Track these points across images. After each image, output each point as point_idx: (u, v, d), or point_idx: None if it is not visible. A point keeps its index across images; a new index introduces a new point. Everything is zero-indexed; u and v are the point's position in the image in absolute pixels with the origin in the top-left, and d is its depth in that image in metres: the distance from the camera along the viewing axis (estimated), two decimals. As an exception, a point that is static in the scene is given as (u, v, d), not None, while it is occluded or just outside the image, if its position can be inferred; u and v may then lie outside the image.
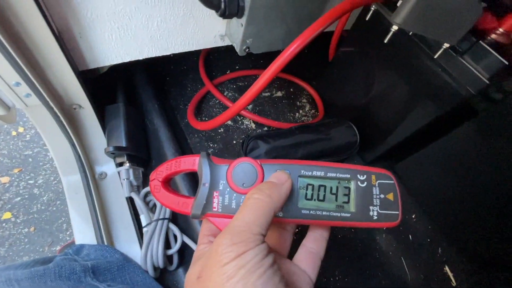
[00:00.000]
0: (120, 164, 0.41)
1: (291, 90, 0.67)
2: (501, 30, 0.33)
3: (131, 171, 0.40)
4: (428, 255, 0.50)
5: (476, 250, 0.48)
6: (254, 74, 0.66)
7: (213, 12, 0.39)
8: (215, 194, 0.21)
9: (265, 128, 0.58)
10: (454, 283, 0.48)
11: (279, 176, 0.21)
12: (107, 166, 0.41)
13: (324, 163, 0.22)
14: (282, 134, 0.50)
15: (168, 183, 0.23)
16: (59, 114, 0.34)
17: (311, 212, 0.21)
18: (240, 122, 0.58)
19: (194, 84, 0.60)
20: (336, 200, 0.22)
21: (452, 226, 0.51)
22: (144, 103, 0.48)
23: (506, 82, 0.36)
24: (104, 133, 0.41)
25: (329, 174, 0.22)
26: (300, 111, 0.64)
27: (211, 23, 0.42)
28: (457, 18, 0.29)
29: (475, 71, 0.34)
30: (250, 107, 0.61)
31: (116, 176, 0.41)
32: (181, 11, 0.38)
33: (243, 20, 0.38)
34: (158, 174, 0.23)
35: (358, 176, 0.22)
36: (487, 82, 0.34)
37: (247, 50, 0.42)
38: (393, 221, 0.21)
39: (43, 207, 1.04)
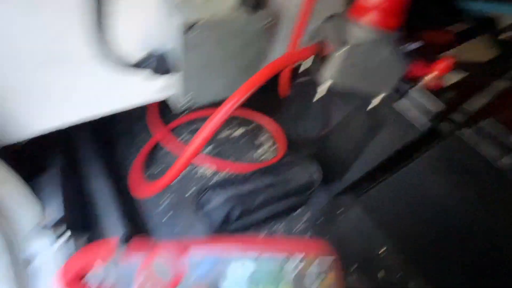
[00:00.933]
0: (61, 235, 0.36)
1: (252, 125, 0.65)
2: (431, 76, 0.33)
3: (72, 241, 0.35)
4: (401, 290, 0.49)
5: (448, 282, 0.47)
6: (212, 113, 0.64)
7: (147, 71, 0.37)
8: None
9: (223, 173, 0.56)
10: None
11: None
12: (43, 243, 0.36)
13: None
14: (239, 180, 0.47)
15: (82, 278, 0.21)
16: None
17: None
18: (194, 171, 0.55)
19: (145, 131, 0.57)
20: None
21: (423, 257, 0.50)
22: (85, 168, 0.43)
23: (444, 123, 0.36)
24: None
25: (263, 266, 0.20)
26: (260, 149, 0.62)
27: (147, 81, 0.40)
28: (384, 76, 0.29)
29: (416, 114, 0.35)
30: (208, 149, 0.59)
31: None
32: (109, 72, 0.35)
33: (181, 75, 0.36)
34: (66, 273, 0.21)
35: (291, 261, 0.20)
36: (428, 122, 0.34)
37: (191, 102, 0.40)
38: None
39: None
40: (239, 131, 0.64)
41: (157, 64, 0.34)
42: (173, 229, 0.47)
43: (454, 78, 0.36)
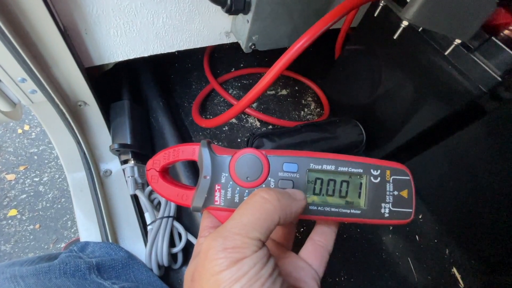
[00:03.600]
0: (125, 162, 0.41)
1: (296, 88, 0.66)
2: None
3: (135, 168, 0.40)
4: (435, 256, 0.49)
5: (484, 252, 0.47)
6: (259, 72, 0.66)
7: (219, 8, 0.38)
8: (217, 187, 0.20)
9: (270, 127, 0.58)
10: (462, 285, 0.47)
11: (294, 192, 0.19)
12: (112, 164, 0.40)
13: (335, 155, 0.21)
14: (287, 132, 0.49)
15: (166, 172, 0.22)
16: (64, 111, 0.34)
17: (319, 208, 0.20)
18: (244, 120, 0.58)
19: (199, 82, 0.60)
20: (346, 196, 0.20)
21: (460, 227, 0.50)
22: (149, 101, 0.47)
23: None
24: (109, 131, 0.41)
25: (340, 169, 0.20)
26: (305, 110, 0.63)
27: (217, 20, 0.41)
28: (470, 13, 0.28)
29: (487, 68, 0.34)
30: (255, 105, 0.61)
31: (121, 173, 0.40)
32: (186, 7, 0.37)
33: (249, 16, 0.37)
34: (155, 163, 0.21)
35: (372, 171, 0.21)
36: (499, 79, 0.33)
37: (253, 47, 0.42)
38: (405, 219, 0.20)
39: (48, 205, 1.05)
40: (284, 91, 0.65)
41: (231, 1, 0.35)
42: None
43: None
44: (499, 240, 0.45)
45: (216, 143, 0.53)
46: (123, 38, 0.37)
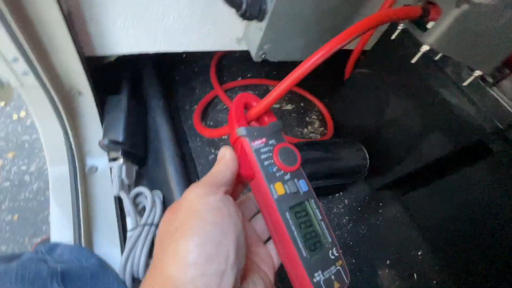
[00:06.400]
0: (114, 160, 0.38)
1: (302, 104, 0.65)
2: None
3: (124, 168, 0.37)
4: (434, 298, 0.46)
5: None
6: (266, 84, 0.64)
7: (232, 13, 0.37)
8: (264, 139, 0.25)
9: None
10: (460, 335, 0.43)
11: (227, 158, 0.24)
12: (99, 160, 0.38)
13: (325, 216, 0.25)
14: (288, 148, 0.47)
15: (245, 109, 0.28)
16: (55, 97, 0.32)
17: (290, 221, 0.23)
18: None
19: (203, 87, 0.59)
20: (308, 240, 0.23)
21: (461, 268, 0.47)
22: (149, 99, 0.45)
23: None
24: (102, 125, 0.38)
25: (322, 224, 0.24)
26: (309, 127, 0.61)
27: (229, 25, 0.40)
28: (494, 44, 0.27)
29: (504, 104, 0.32)
30: (257, 117, 0.59)
31: (108, 171, 0.38)
32: (199, 8, 0.36)
33: (264, 24, 0.36)
34: (247, 97, 0.28)
35: (334, 249, 0.24)
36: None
37: (263, 56, 0.40)
38: None
39: (31, 196, 1.00)
40: (289, 106, 0.63)
41: (247, 5, 0.34)
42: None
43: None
44: (497, 285, 0.42)
45: (213, 151, 0.51)
46: (129, 30, 0.35)
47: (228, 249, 0.18)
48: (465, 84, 0.32)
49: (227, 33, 0.42)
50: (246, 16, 0.35)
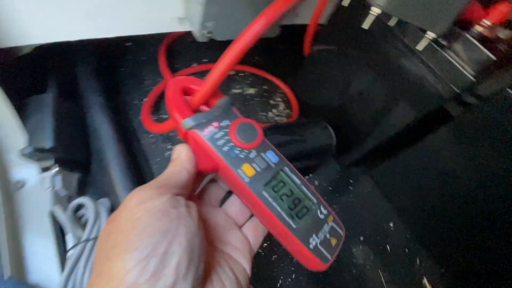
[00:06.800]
0: (47, 169, 0.33)
1: (264, 87, 0.62)
2: (487, 22, 0.30)
3: (59, 178, 0.32)
4: (406, 266, 0.47)
5: (453, 260, 0.45)
6: (224, 69, 0.60)
7: (165, -14, 0.32)
8: (214, 123, 0.23)
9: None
10: (432, 297, 0.45)
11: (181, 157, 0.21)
12: (27, 172, 0.32)
13: (304, 179, 0.24)
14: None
15: (185, 94, 0.25)
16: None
17: (269, 198, 0.22)
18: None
19: (154, 78, 0.53)
20: (293, 209, 0.22)
21: (430, 234, 0.48)
22: (85, 96, 0.40)
23: (489, 81, 0.33)
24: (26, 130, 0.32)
25: (303, 188, 0.23)
26: (274, 111, 0.59)
27: (167, 2, 0.35)
28: (444, 3, 0.25)
29: (460, 68, 0.31)
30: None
31: (40, 184, 0.32)
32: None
33: (201, -2, 0.32)
34: (185, 81, 0.25)
35: (321, 207, 0.24)
36: (473, 79, 0.30)
37: (209, 35, 0.36)
38: (322, 262, 0.22)
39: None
40: (251, 90, 0.60)
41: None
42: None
43: (506, 33, 0.32)
44: (466, 247, 0.43)
45: (169, 147, 0.46)
46: (38, 15, 0.29)
47: (178, 258, 0.15)
48: (419, 48, 0.31)
49: (166, 12, 0.36)
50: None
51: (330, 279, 0.43)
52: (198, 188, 0.26)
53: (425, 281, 0.46)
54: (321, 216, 0.23)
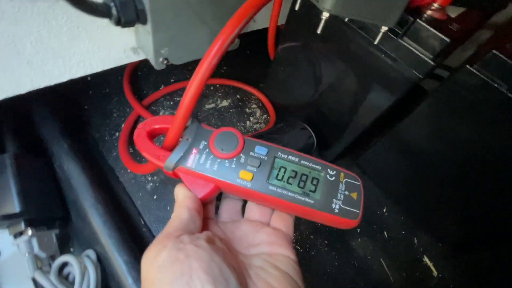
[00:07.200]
0: (21, 234, 0.31)
1: (238, 96, 0.61)
2: (435, 5, 0.30)
3: (35, 240, 0.30)
4: (406, 248, 0.48)
5: (448, 233, 0.47)
6: (193, 86, 0.59)
7: (108, 21, 0.31)
8: (194, 151, 0.23)
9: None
10: (435, 273, 0.46)
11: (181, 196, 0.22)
12: (0, 241, 0.30)
13: (300, 153, 0.24)
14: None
15: (153, 137, 0.25)
16: None
17: (277, 189, 0.22)
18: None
19: (121, 109, 0.51)
20: (304, 186, 0.23)
21: (422, 212, 0.49)
22: (49, 145, 0.38)
23: (449, 58, 0.33)
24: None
25: (303, 162, 0.24)
26: (251, 119, 0.58)
27: (114, 35, 0.34)
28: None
29: (418, 53, 0.31)
30: (193, 123, 0.54)
31: (16, 251, 0.31)
32: (63, 25, 0.29)
33: (149, 26, 0.30)
34: (147, 124, 0.25)
35: (328, 170, 0.24)
36: (432, 63, 0.31)
37: (166, 62, 0.35)
38: (353, 219, 0.22)
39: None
40: (225, 102, 0.59)
41: (118, 11, 0.28)
42: (162, 204, 0.42)
43: (456, 10, 0.33)
44: (458, 219, 0.44)
45: (150, 178, 0.45)
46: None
47: None
48: (376, 42, 0.31)
49: (117, 45, 0.35)
50: (122, 23, 0.28)
51: (334, 276, 0.43)
52: (213, 211, 0.26)
53: (426, 259, 0.47)
54: (332, 178, 0.23)
